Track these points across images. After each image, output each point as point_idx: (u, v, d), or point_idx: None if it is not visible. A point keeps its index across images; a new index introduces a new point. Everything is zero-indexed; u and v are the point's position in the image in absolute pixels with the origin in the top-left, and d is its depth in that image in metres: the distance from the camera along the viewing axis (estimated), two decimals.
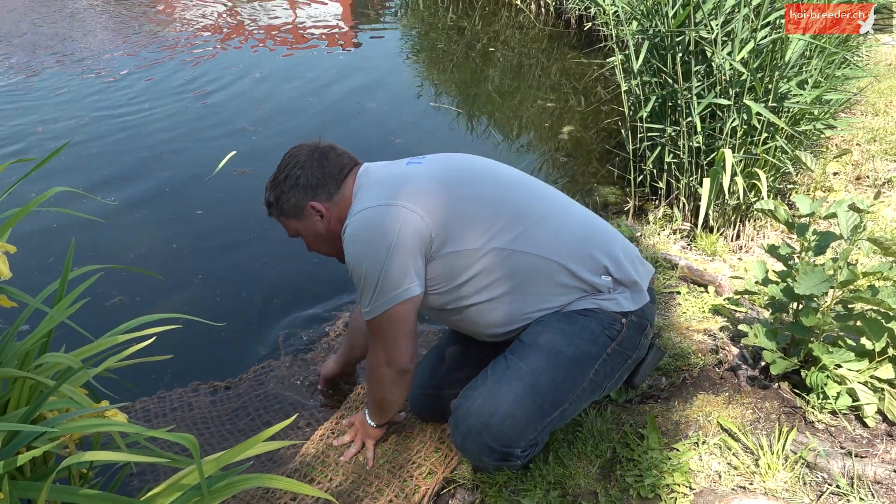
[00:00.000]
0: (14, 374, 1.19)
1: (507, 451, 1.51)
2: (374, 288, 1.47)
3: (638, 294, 1.59)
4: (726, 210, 2.83)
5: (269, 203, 1.65)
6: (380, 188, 1.52)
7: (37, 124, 4.42)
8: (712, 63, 2.63)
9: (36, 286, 1.44)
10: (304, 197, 1.59)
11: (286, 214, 1.63)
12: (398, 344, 1.53)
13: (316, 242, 1.67)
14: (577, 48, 5.85)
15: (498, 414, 1.45)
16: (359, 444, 1.80)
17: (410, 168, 1.58)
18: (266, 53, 5.94)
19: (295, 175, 1.58)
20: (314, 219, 1.61)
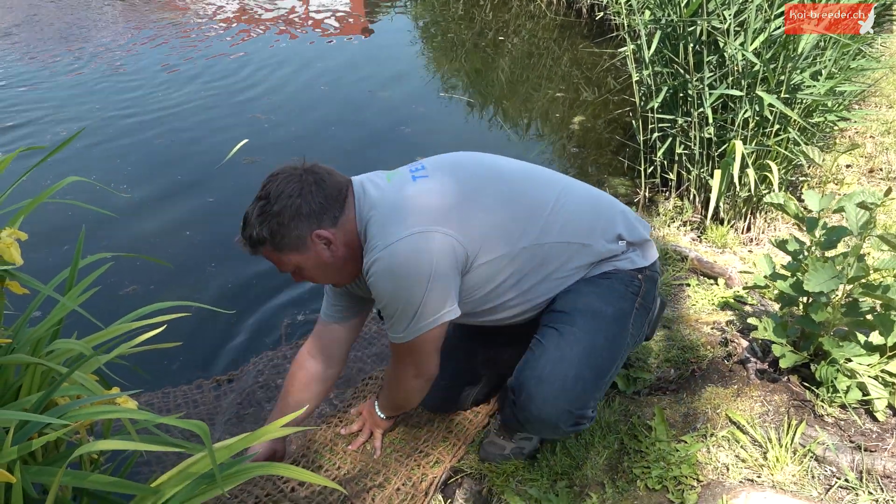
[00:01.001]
0: (26, 360, 1.20)
1: (582, 414, 1.51)
2: (411, 318, 1.43)
3: (647, 250, 1.65)
4: (737, 202, 2.81)
5: (258, 240, 1.44)
6: (401, 214, 1.43)
7: (50, 113, 4.44)
8: (725, 53, 2.61)
9: (49, 274, 1.45)
10: (308, 227, 1.44)
11: (284, 249, 1.45)
12: (430, 358, 1.54)
13: (316, 273, 1.52)
14: (588, 38, 5.82)
15: (570, 377, 1.47)
16: (367, 434, 1.80)
17: (421, 184, 1.48)
18: (278, 43, 5.93)
19: (294, 205, 1.42)
20: (319, 248, 1.46)
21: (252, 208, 1.45)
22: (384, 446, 1.79)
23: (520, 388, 1.52)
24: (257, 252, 1.47)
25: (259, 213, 1.43)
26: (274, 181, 1.45)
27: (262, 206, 1.43)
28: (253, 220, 1.43)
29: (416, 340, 1.48)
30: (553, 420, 1.49)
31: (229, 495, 1.66)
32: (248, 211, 1.45)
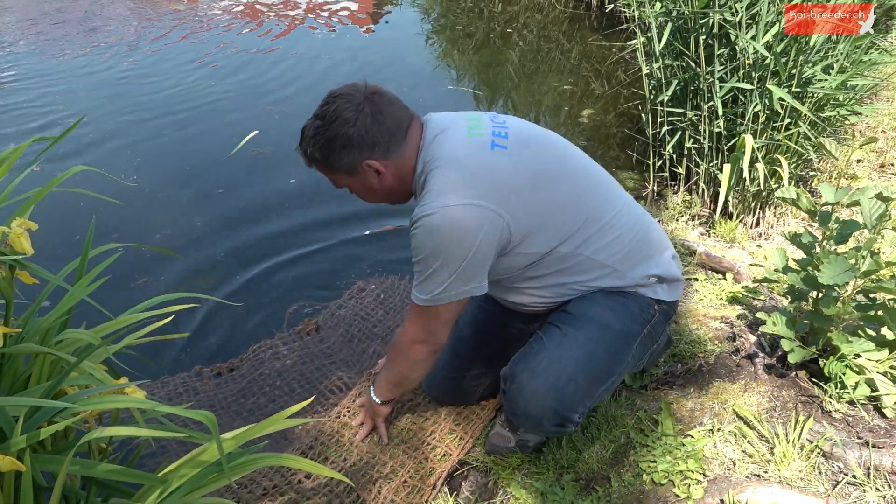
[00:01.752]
0: (36, 349, 1.21)
1: (568, 416, 1.52)
2: (441, 283, 1.43)
3: (675, 288, 1.66)
4: (746, 196, 2.80)
5: (312, 158, 1.49)
6: (468, 181, 1.41)
7: (59, 105, 4.45)
8: (736, 47, 2.59)
9: (59, 264, 1.45)
10: (358, 156, 1.45)
11: (335, 171, 1.50)
12: (444, 328, 1.54)
13: (365, 194, 1.56)
14: (597, 30, 5.78)
15: (563, 377, 1.48)
16: (370, 424, 1.80)
17: (498, 157, 1.45)
18: (287, 35, 5.92)
19: (346, 134, 1.43)
20: (369, 175, 1.48)
21: (309, 125, 1.48)
22: (392, 437, 1.79)
23: (512, 378, 1.54)
24: (311, 166, 1.52)
25: (314, 133, 1.46)
26: (332, 104, 1.45)
27: (317, 128, 1.45)
28: (308, 138, 1.47)
29: (438, 308, 1.48)
30: (538, 415, 1.51)
31: (237, 485, 1.67)
32: (307, 126, 1.48)
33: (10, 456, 0.96)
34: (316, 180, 3.46)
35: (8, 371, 1.24)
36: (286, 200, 3.30)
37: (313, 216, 3.17)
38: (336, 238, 3.00)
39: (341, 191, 1.59)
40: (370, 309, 2.49)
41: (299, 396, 2.14)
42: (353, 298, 2.57)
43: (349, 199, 3.23)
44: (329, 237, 3.01)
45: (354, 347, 2.32)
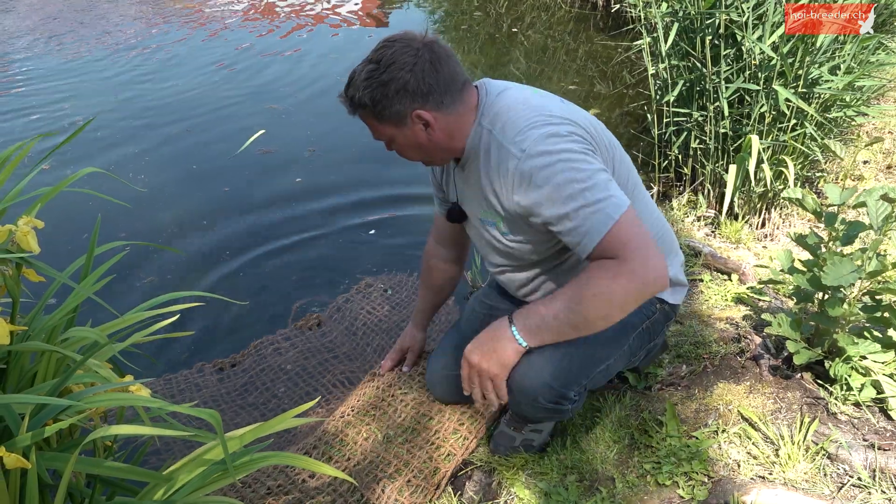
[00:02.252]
0: (42, 347, 1.21)
1: (563, 394, 1.49)
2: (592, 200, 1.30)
3: (678, 292, 1.66)
4: (752, 197, 2.79)
5: (359, 103, 1.39)
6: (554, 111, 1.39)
7: (64, 101, 4.47)
8: (742, 47, 2.58)
9: (65, 262, 1.46)
10: (410, 104, 1.37)
11: (382, 119, 1.40)
12: (650, 244, 1.32)
13: (407, 150, 1.47)
14: (603, 30, 5.78)
15: (558, 353, 1.44)
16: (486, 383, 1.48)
17: (574, 107, 1.46)
18: (292, 35, 5.93)
19: (402, 79, 1.35)
20: (416, 127, 1.41)
21: (360, 69, 1.39)
22: (395, 436, 1.79)
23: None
24: (355, 113, 1.44)
25: (366, 77, 1.37)
26: (389, 48, 1.36)
27: (371, 71, 1.36)
28: (359, 82, 1.38)
29: (618, 225, 1.29)
30: (534, 391, 1.47)
31: (241, 484, 1.68)
32: (356, 71, 1.40)
33: (15, 453, 0.96)
34: (322, 180, 3.48)
35: (14, 368, 1.24)
36: (292, 199, 3.31)
37: (320, 215, 3.19)
38: (344, 237, 3.01)
39: (347, 187, 1.59)
40: (376, 304, 2.51)
41: (301, 390, 2.16)
42: (359, 293, 2.59)
43: (356, 195, 3.28)
44: (336, 236, 3.02)
45: (358, 341, 2.34)
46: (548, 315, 1.37)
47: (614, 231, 1.29)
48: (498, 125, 1.40)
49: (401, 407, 1.88)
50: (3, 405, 1.01)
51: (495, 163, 1.41)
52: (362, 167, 3.60)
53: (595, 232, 1.29)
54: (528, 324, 1.39)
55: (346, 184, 3.43)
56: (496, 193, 1.44)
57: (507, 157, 1.37)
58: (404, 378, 1.97)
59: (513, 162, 1.35)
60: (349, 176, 3.51)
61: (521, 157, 1.34)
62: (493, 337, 1.44)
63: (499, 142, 1.39)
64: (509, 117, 1.39)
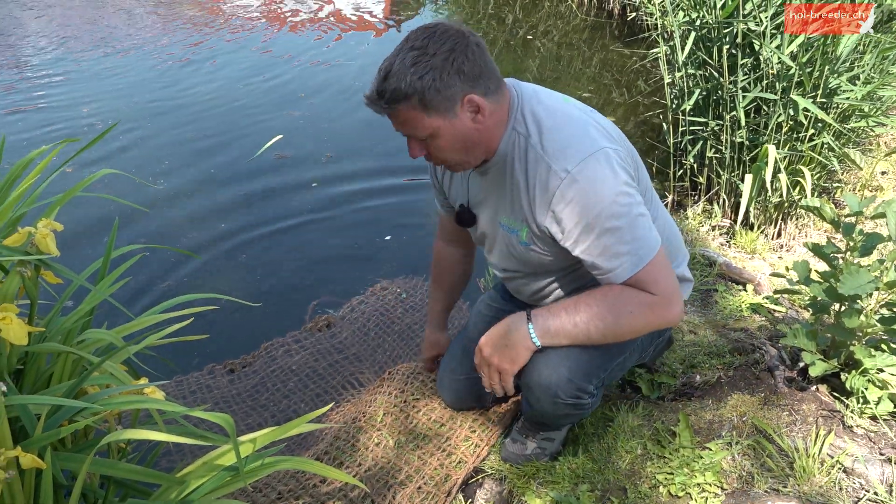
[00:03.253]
0: (58, 348, 1.22)
1: (583, 387, 1.48)
2: (628, 235, 1.32)
3: (685, 288, 1.65)
4: (768, 207, 2.77)
5: (404, 94, 1.26)
6: (592, 127, 1.38)
7: (84, 107, 4.52)
8: (760, 56, 2.57)
9: (82, 264, 1.47)
10: (463, 88, 1.28)
11: (430, 108, 1.28)
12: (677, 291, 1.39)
13: (452, 146, 1.35)
14: (618, 39, 5.77)
15: (575, 349, 1.44)
16: (494, 375, 1.49)
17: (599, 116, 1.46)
18: (308, 41, 5.97)
19: (456, 61, 1.26)
20: (465, 117, 1.31)
21: (400, 59, 1.27)
22: (407, 443, 1.79)
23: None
24: (393, 110, 1.30)
25: (413, 62, 1.25)
26: (431, 35, 1.28)
27: (417, 56, 1.26)
28: (403, 70, 1.25)
29: (648, 266, 1.34)
30: (553, 386, 1.46)
31: (252, 488, 1.68)
32: (392, 62, 1.28)
33: (31, 453, 0.97)
34: (338, 184, 3.49)
35: (31, 369, 1.26)
36: (308, 203, 3.33)
37: (335, 220, 3.20)
38: (359, 241, 3.03)
39: (363, 193, 1.58)
40: (390, 306, 2.52)
41: (312, 392, 2.18)
42: (374, 296, 2.60)
43: (372, 201, 3.29)
44: (352, 240, 3.04)
45: (369, 343, 2.37)
46: (568, 322, 1.39)
47: (643, 272, 1.34)
48: (535, 135, 1.36)
49: (412, 413, 1.88)
50: (19, 405, 1.02)
51: (533, 175, 1.37)
52: (378, 173, 3.62)
53: (623, 272, 1.35)
54: (546, 326, 1.41)
55: (361, 189, 3.45)
56: (530, 205, 1.40)
57: (547, 174, 1.34)
58: (416, 384, 1.97)
59: (555, 181, 1.33)
60: (365, 181, 3.52)
61: (565, 178, 1.31)
62: (507, 333, 1.44)
63: (539, 154, 1.35)
64: (550, 130, 1.36)
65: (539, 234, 1.43)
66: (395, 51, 1.30)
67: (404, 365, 2.08)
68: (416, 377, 2.00)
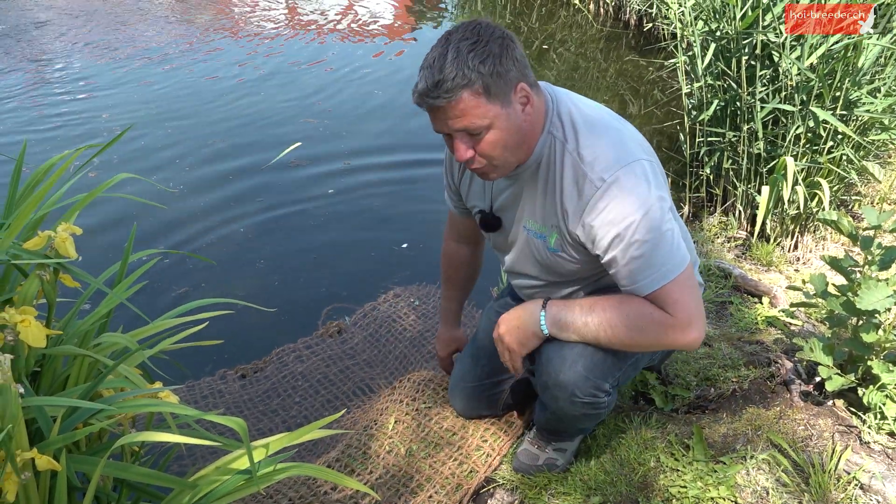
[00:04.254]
0: (75, 351, 1.23)
1: (599, 385, 1.47)
2: (660, 253, 1.32)
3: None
4: (785, 219, 2.75)
5: (470, 79, 1.22)
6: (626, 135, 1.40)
7: (102, 111, 4.57)
8: (779, 68, 2.56)
9: (99, 268, 1.49)
10: (517, 76, 1.27)
11: (492, 95, 1.25)
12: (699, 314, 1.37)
13: (506, 139, 1.30)
14: (635, 49, 5.76)
15: (590, 347, 1.44)
16: (504, 353, 1.54)
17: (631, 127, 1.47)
18: (326, 49, 6.01)
19: (510, 48, 1.26)
20: (517, 106, 1.29)
21: (454, 50, 1.23)
22: (418, 451, 1.79)
23: (541, 352, 1.50)
24: (452, 97, 1.24)
25: (470, 50, 1.23)
26: (476, 26, 1.27)
27: (473, 44, 1.23)
28: (462, 59, 1.22)
29: (673, 283, 1.33)
30: (570, 384, 1.45)
31: (263, 494, 1.68)
32: (443, 54, 1.24)
33: (46, 455, 0.98)
34: (354, 192, 3.51)
35: (47, 371, 1.27)
36: (325, 210, 3.35)
37: (352, 227, 3.22)
38: (376, 249, 3.04)
39: (380, 201, 1.57)
40: (402, 313, 2.52)
41: (323, 398, 2.19)
42: (386, 302, 2.61)
43: (390, 209, 3.31)
44: (368, 248, 3.05)
45: (380, 349, 2.38)
46: (580, 319, 1.41)
47: (665, 290, 1.34)
48: (572, 141, 1.36)
49: (424, 421, 1.87)
50: (36, 407, 1.03)
51: (570, 181, 1.36)
52: (396, 181, 3.63)
53: (646, 287, 1.34)
54: (558, 316, 1.44)
55: (379, 197, 3.46)
56: (563, 211, 1.39)
57: (584, 182, 1.34)
58: (428, 392, 1.97)
59: (590, 189, 1.33)
60: (383, 189, 3.54)
61: (601, 186, 1.32)
62: (521, 315, 1.49)
63: (575, 161, 1.35)
64: (588, 137, 1.36)
65: (570, 241, 1.42)
66: (439, 47, 1.27)
67: (416, 373, 2.08)
68: (429, 385, 1.99)
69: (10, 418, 0.92)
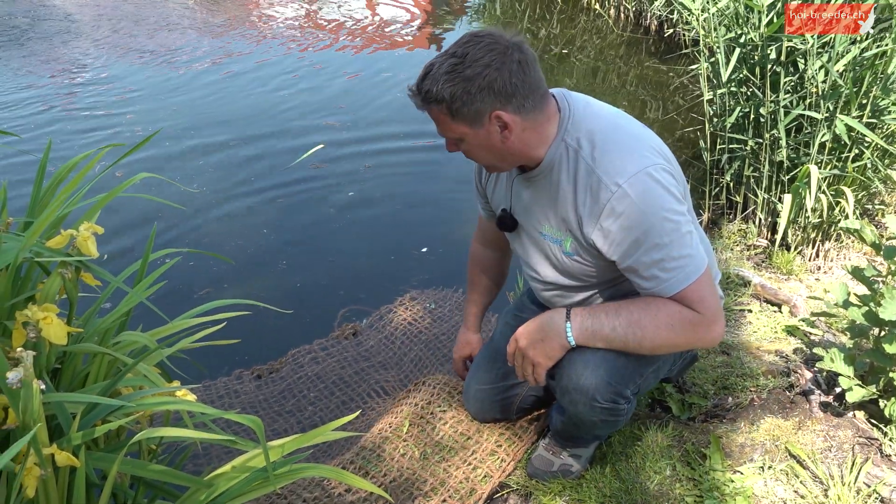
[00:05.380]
0: (95, 349, 1.25)
1: (620, 391, 1.46)
2: (678, 254, 1.33)
3: None
4: (806, 228, 2.72)
5: (436, 98, 1.30)
6: (646, 143, 1.40)
7: (126, 112, 4.63)
8: (805, 74, 2.53)
9: (119, 267, 1.50)
10: (492, 104, 1.30)
11: (456, 117, 1.32)
12: (720, 312, 1.39)
13: (476, 151, 1.40)
14: (655, 55, 5.73)
15: (612, 352, 1.43)
16: (527, 367, 1.50)
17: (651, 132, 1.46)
18: (348, 52, 6.04)
19: (488, 76, 1.28)
20: (492, 129, 1.34)
21: (440, 63, 1.31)
22: (432, 455, 1.79)
23: (569, 354, 1.48)
24: (427, 108, 1.35)
25: (448, 70, 1.29)
26: (475, 43, 1.30)
27: (454, 65, 1.29)
28: (438, 75, 1.30)
29: (693, 285, 1.34)
30: (590, 388, 1.44)
31: (277, 495, 1.69)
32: (434, 63, 1.32)
33: (66, 451, 0.99)
34: (375, 194, 3.52)
35: (67, 368, 1.28)
36: (345, 213, 3.37)
37: (372, 230, 3.23)
38: (395, 252, 3.05)
39: (402, 204, 1.58)
40: (418, 316, 2.53)
41: (338, 399, 2.20)
42: (402, 305, 2.61)
43: (411, 212, 3.31)
44: (388, 252, 3.05)
45: (395, 351, 2.38)
46: (607, 325, 1.40)
47: (689, 290, 1.35)
48: (587, 147, 1.37)
49: (439, 425, 1.87)
50: (56, 404, 1.04)
51: (584, 187, 1.37)
52: (418, 184, 3.64)
53: (669, 288, 1.35)
54: (584, 325, 1.41)
55: (401, 200, 3.47)
56: (577, 216, 1.40)
57: (598, 186, 1.34)
58: (443, 395, 1.97)
59: (605, 194, 1.33)
60: (404, 193, 3.55)
61: (616, 191, 1.32)
62: (544, 327, 1.45)
63: (589, 166, 1.36)
64: (604, 143, 1.36)
65: (585, 245, 1.42)
66: (442, 52, 1.34)
67: (432, 376, 2.08)
68: (444, 388, 1.99)
69: (31, 414, 0.93)
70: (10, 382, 0.91)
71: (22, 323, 1.07)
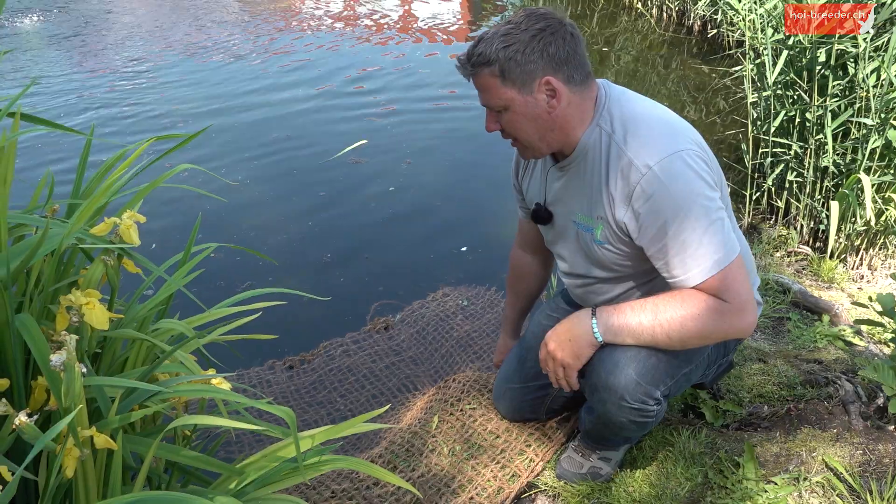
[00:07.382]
0: (134, 335, 1.27)
1: (649, 392, 1.44)
2: (708, 242, 1.31)
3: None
4: (850, 235, 2.65)
5: (487, 59, 1.32)
6: (680, 131, 1.39)
7: (172, 104, 4.72)
8: (854, 79, 2.46)
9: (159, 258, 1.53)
10: (545, 68, 1.32)
11: (508, 79, 1.33)
12: (752, 301, 1.36)
13: (519, 122, 1.38)
14: (697, 56, 5.64)
15: (643, 351, 1.41)
16: (558, 370, 1.49)
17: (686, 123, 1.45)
18: (387, 48, 6.07)
19: (544, 40, 1.31)
20: (540, 97, 1.34)
21: (495, 29, 1.35)
22: (461, 452, 1.79)
23: (599, 352, 1.47)
24: (475, 74, 1.36)
25: (504, 34, 1.32)
26: (529, 13, 1.34)
27: (509, 30, 1.32)
28: (493, 38, 1.32)
29: (724, 272, 1.31)
30: (620, 387, 1.42)
31: (306, 486, 1.71)
32: (488, 31, 1.36)
33: (104, 434, 1.01)
34: (416, 191, 3.54)
35: (107, 354, 1.31)
36: (385, 208, 3.39)
37: (412, 226, 3.24)
38: (435, 250, 3.06)
39: (443, 201, 1.56)
40: (450, 312, 2.53)
41: (368, 392, 2.22)
42: (435, 301, 2.62)
43: (451, 211, 3.31)
44: (427, 248, 3.07)
45: (426, 346, 2.39)
46: (633, 320, 1.38)
47: (717, 277, 1.32)
48: (620, 132, 1.37)
49: (468, 422, 1.87)
50: (96, 387, 1.06)
51: (615, 169, 1.36)
52: (457, 183, 3.65)
53: (698, 275, 1.32)
54: (610, 322, 1.40)
55: (440, 198, 3.48)
56: (610, 199, 1.39)
57: (629, 168, 1.34)
58: (473, 393, 1.97)
59: (635, 175, 1.33)
60: (444, 191, 3.55)
61: (646, 173, 1.31)
62: (571, 328, 1.45)
63: (621, 149, 1.35)
64: (637, 127, 1.36)
65: (616, 230, 1.41)
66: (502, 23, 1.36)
67: (462, 373, 2.08)
68: (474, 386, 1.99)
69: (73, 396, 0.95)
70: (54, 365, 0.93)
71: (65, 307, 1.09)
